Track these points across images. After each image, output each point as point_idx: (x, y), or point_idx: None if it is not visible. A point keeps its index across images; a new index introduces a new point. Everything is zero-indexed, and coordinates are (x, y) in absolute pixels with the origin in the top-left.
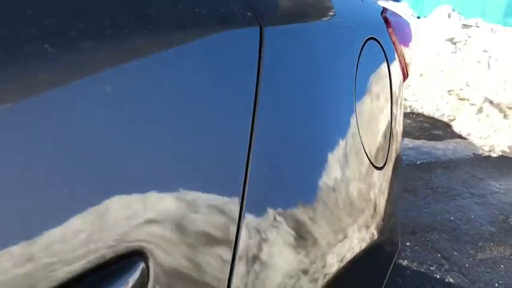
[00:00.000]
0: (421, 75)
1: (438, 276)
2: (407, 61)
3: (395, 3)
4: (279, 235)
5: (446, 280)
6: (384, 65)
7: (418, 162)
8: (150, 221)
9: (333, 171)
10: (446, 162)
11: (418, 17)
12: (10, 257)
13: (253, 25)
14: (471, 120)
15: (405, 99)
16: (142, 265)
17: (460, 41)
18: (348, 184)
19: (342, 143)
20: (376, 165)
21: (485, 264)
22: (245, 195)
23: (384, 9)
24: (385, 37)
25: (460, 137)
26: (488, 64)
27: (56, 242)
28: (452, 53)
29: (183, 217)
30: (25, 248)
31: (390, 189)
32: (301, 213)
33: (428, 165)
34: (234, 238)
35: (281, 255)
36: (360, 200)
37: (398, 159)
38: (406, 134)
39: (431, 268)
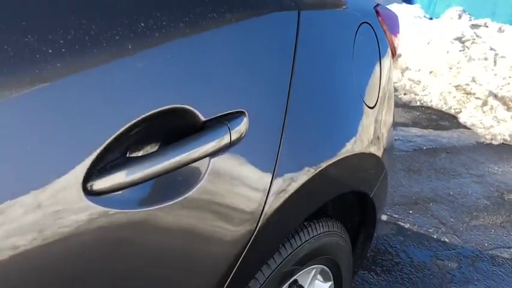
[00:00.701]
0: (430, 72)
1: (435, 237)
2: (395, 44)
3: (408, 5)
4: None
5: (442, 239)
6: (374, 41)
7: (424, 148)
8: (251, 98)
9: (344, 112)
10: (450, 148)
11: (431, 18)
12: None
13: (293, 9)
14: (476, 112)
15: (416, 94)
16: (245, 119)
17: (468, 40)
18: (355, 114)
19: (347, 93)
20: (369, 105)
21: (478, 229)
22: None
23: (377, 5)
24: (376, 23)
25: (464, 127)
26: (495, 61)
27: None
28: (460, 51)
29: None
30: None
31: (379, 121)
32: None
33: (434, 150)
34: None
35: None
36: (364, 125)
37: (387, 104)
38: (414, 124)
39: (430, 230)
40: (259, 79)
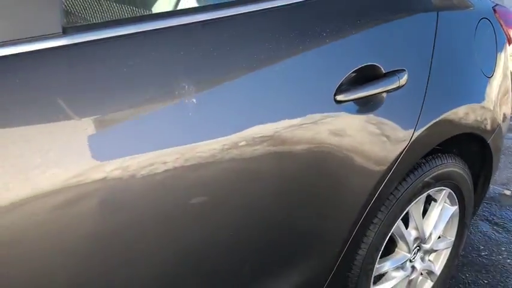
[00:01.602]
0: None
1: None
2: (510, 34)
3: None
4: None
5: None
6: (492, 31)
7: None
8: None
9: (467, 76)
10: None
11: None
12: None
13: (434, 11)
14: None
15: None
16: (406, 74)
17: None
18: (476, 80)
19: (470, 64)
20: (486, 75)
21: None
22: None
23: (496, 5)
24: (493, 18)
25: None
26: None
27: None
28: None
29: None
30: None
31: (495, 87)
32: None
33: None
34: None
35: None
36: (482, 88)
37: (504, 76)
38: None
39: None
40: (413, 53)
